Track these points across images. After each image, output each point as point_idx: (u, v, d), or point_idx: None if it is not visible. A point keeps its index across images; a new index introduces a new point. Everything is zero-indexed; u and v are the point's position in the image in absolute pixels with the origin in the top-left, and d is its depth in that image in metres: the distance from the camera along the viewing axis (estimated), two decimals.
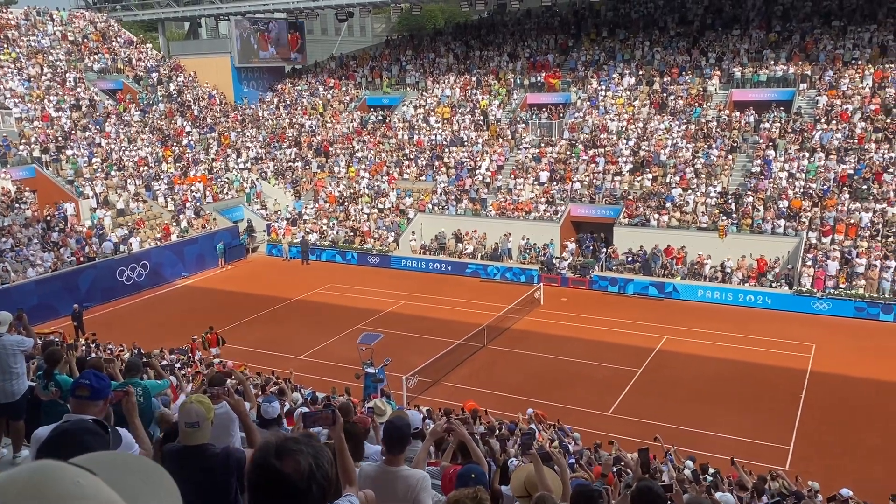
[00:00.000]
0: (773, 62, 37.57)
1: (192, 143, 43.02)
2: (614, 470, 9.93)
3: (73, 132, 38.15)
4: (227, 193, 40.52)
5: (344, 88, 49.73)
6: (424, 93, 45.93)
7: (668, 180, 33.40)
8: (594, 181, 34.72)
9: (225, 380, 7.41)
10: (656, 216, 31.79)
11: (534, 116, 40.25)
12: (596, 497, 4.85)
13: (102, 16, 51.94)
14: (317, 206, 39.90)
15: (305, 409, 10.36)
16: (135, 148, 39.68)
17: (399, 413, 7.33)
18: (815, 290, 27.24)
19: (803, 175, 31.51)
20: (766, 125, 34.54)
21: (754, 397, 20.27)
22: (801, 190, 30.77)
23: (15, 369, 7.05)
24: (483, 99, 43.25)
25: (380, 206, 38.35)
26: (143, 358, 11.51)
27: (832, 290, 27.11)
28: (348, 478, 3.66)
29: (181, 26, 65.27)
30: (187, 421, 4.46)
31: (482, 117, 41.84)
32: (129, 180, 36.84)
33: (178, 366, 17.97)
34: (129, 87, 45.40)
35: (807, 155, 32.18)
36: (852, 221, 28.88)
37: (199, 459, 4.37)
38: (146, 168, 38.57)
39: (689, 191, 32.47)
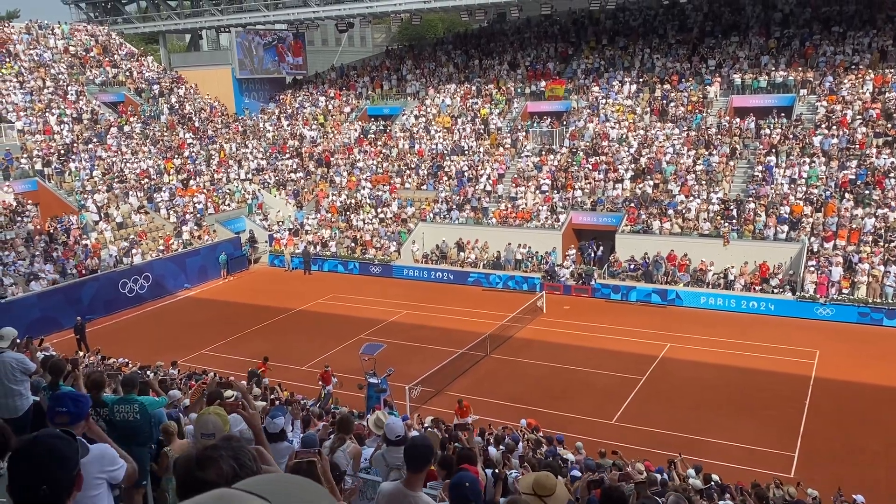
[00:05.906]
0: (772, 68, 37.60)
1: (193, 154, 43.15)
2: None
3: (74, 145, 38.29)
4: (228, 205, 40.60)
5: (345, 99, 49.88)
6: (425, 102, 46.04)
7: (669, 187, 33.39)
8: (595, 189, 34.72)
9: (222, 392, 7.40)
10: (658, 223, 31.77)
11: (534, 125, 40.31)
12: (624, 494, 4.84)
13: (104, 29, 52.20)
14: (318, 216, 39.94)
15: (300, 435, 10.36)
16: (137, 160, 39.81)
17: (425, 433, 7.31)
18: (818, 296, 27.15)
19: (804, 181, 31.48)
20: (767, 131, 34.55)
21: (758, 404, 20.19)
22: (803, 196, 30.75)
23: (15, 387, 7.02)
24: (483, 108, 43.33)
25: (381, 215, 38.38)
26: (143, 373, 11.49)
27: (835, 296, 27.04)
28: None
29: (182, 38, 65.59)
30: (203, 432, 4.48)
31: (483, 126, 41.91)
32: (130, 192, 36.94)
33: (181, 379, 17.97)
34: (131, 100, 45.58)
35: (808, 160, 32.17)
36: (854, 227, 28.83)
37: None
38: (148, 180, 38.68)
39: (691, 197, 32.45)
